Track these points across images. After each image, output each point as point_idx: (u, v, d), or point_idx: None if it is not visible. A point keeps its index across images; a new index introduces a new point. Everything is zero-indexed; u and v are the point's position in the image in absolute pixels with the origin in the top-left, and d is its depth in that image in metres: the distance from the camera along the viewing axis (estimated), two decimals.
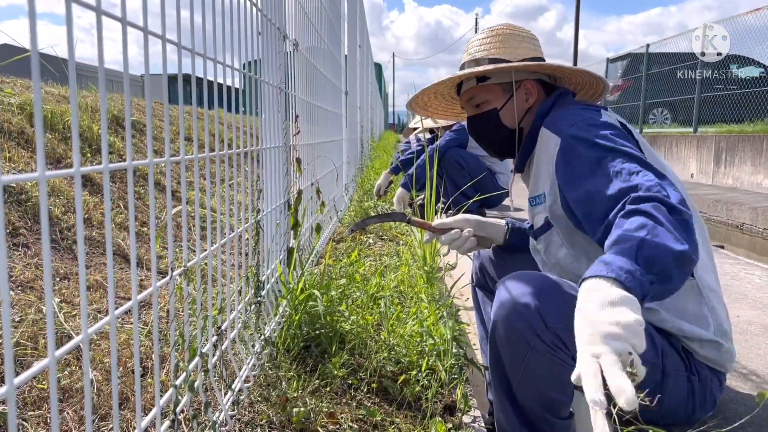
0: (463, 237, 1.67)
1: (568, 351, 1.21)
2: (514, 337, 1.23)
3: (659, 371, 1.30)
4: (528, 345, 1.21)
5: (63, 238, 2.53)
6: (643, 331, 0.86)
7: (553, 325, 1.19)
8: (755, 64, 11.09)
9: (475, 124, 1.61)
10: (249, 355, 1.62)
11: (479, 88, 1.57)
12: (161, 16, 0.91)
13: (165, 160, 0.94)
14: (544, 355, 1.21)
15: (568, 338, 1.18)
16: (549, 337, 1.19)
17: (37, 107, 0.56)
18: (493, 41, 1.57)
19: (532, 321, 1.19)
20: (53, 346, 0.63)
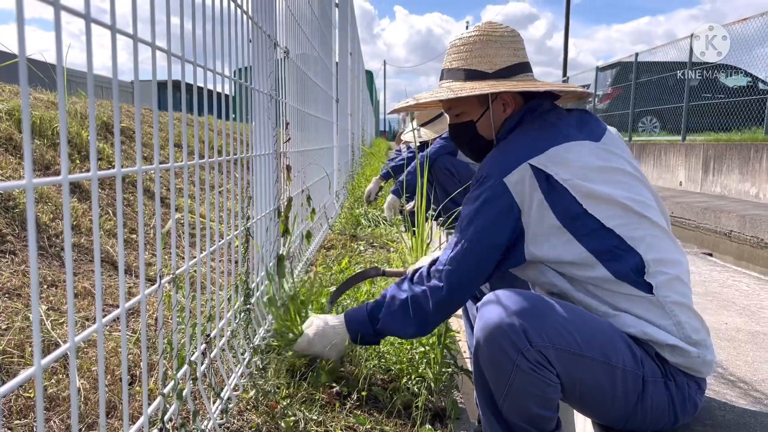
0: None
1: (552, 369, 1.24)
2: (499, 357, 1.24)
3: (641, 380, 1.31)
4: (513, 364, 1.23)
5: (51, 245, 2.51)
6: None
7: (538, 344, 1.22)
8: (743, 73, 11.21)
9: (455, 132, 1.65)
10: (238, 364, 1.61)
11: (456, 100, 1.57)
12: (151, 23, 0.91)
13: (154, 167, 0.94)
14: (529, 374, 1.22)
15: (553, 356, 1.23)
16: (533, 355, 1.21)
17: (24, 114, 0.56)
18: (471, 49, 1.55)
19: (517, 340, 1.22)
20: (39, 354, 0.63)
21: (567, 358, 1.24)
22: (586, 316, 1.32)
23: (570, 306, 1.33)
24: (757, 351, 2.26)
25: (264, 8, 1.96)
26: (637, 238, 1.37)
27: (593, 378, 1.28)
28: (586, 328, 1.29)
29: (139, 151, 0.88)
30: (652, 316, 1.35)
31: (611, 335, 1.31)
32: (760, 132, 8.98)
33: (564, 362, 1.24)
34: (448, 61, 1.60)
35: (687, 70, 11.04)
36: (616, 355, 1.29)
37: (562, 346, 1.24)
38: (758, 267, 5.95)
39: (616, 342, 1.31)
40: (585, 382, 1.27)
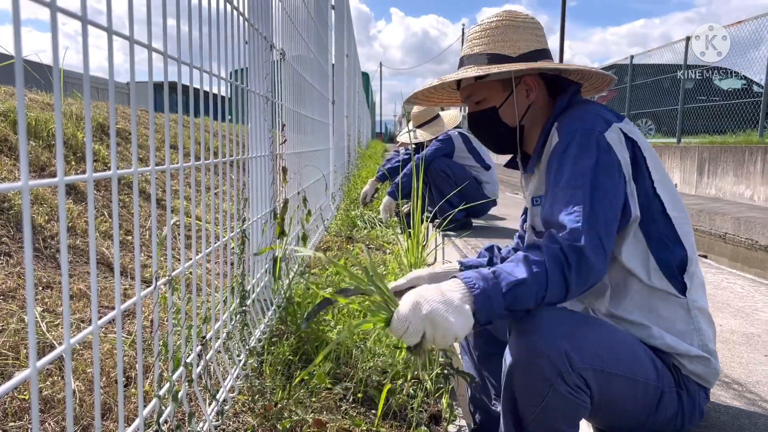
0: None
1: (588, 391, 1.22)
2: (537, 378, 1.20)
3: (659, 391, 1.32)
4: (550, 386, 1.19)
5: (46, 246, 2.50)
6: (447, 345, 1.10)
7: (578, 367, 1.18)
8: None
9: (475, 120, 1.56)
10: (234, 365, 1.61)
11: (477, 85, 1.52)
12: (147, 25, 0.91)
13: (150, 169, 0.94)
14: (565, 396, 1.20)
15: (591, 377, 1.20)
16: (573, 379, 1.19)
17: (20, 115, 0.56)
18: (493, 34, 1.50)
19: (559, 364, 1.17)
20: (35, 356, 0.63)
21: (602, 378, 1.23)
22: (614, 331, 1.32)
23: (601, 321, 1.33)
24: (752, 353, 2.26)
25: (260, 10, 1.97)
26: (684, 234, 1.37)
27: (619, 393, 1.27)
28: (616, 344, 1.28)
29: (134, 152, 0.88)
30: (676, 321, 1.36)
31: (637, 349, 1.31)
32: (755, 135, 9.02)
33: (599, 382, 1.23)
34: (468, 47, 1.54)
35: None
36: (642, 369, 1.30)
37: (599, 367, 1.21)
38: (753, 269, 5.97)
39: (640, 355, 1.31)
40: (611, 398, 1.27)
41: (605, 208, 1.24)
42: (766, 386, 1.94)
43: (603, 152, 1.29)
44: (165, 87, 1.20)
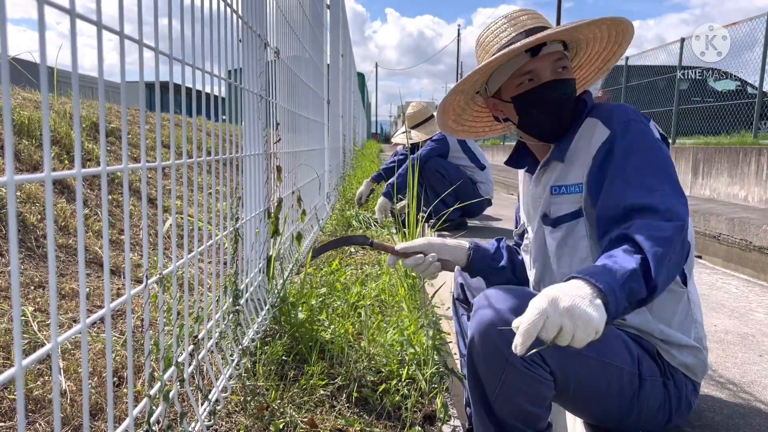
0: (427, 261, 1.63)
1: (546, 367, 1.23)
2: (492, 353, 1.23)
3: (637, 378, 1.32)
4: (506, 361, 1.22)
5: (38, 245, 2.49)
6: (587, 340, 1.03)
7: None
8: (731, 78, 11.31)
9: (563, 88, 1.46)
10: (227, 365, 1.60)
11: (563, 53, 1.47)
12: (138, 20, 0.90)
13: (140, 166, 0.92)
14: (522, 371, 1.22)
15: (548, 357, 1.22)
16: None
17: (6, 106, 0.55)
18: (540, 17, 1.50)
19: (510, 337, 1.16)
20: (20, 354, 0.61)
21: (561, 355, 1.23)
22: None
23: None
24: (746, 353, 2.26)
25: (254, 8, 1.96)
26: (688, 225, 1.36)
27: (587, 375, 1.28)
28: None
29: (125, 150, 0.87)
30: (676, 313, 1.37)
31: (606, 333, 1.32)
32: (749, 136, 9.05)
33: (557, 359, 1.24)
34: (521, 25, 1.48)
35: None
36: (611, 352, 1.30)
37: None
38: (747, 269, 5.98)
39: (611, 340, 1.32)
40: (579, 379, 1.28)
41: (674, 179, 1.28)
42: (760, 386, 1.94)
43: (656, 140, 1.33)
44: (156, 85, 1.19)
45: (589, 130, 1.40)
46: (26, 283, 2.18)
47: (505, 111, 1.56)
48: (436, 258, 1.64)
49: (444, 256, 1.69)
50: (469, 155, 4.68)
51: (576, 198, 1.42)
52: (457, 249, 1.74)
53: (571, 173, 1.43)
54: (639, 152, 1.30)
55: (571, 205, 1.43)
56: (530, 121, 1.51)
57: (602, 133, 1.36)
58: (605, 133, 1.35)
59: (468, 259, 1.74)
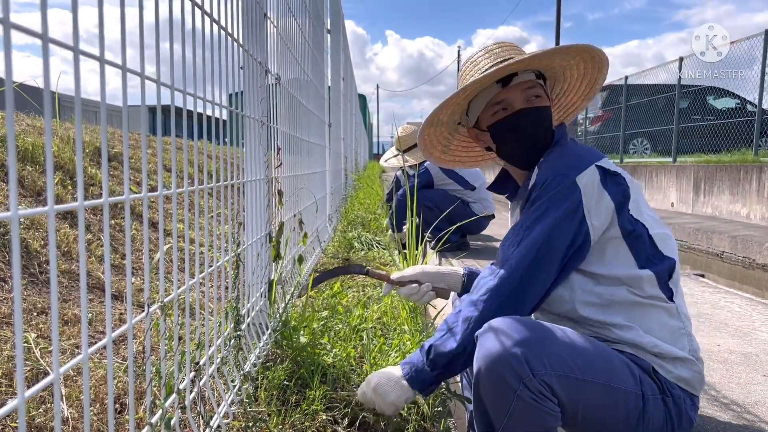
0: (422, 290, 1.66)
1: (554, 399, 1.23)
2: (500, 386, 1.23)
3: (641, 399, 1.33)
4: (514, 393, 1.21)
5: (42, 271, 2.50)
6: (388, 410, 1.43)
7: (540, 372, 1.21)
8: (731, 96, 11.37)
9: (532, 115, 1.50)
10: (228, 391, 1.60)
11: (537, 81, 1.52)
12: (140, 54, 0.92)
13: (142, 195, 0.94)
14: (530, 404, 1.21)
15: (556, 383, 1.22)
16: (535, 385, 1.20)
17: (10, 144, 0.56)
18: (517, 48, 1.57)
19: (519, 369, 1.20)
20: (23, 385, 0.62)
21: (570, 384, 1.24)
22: (584, 340, 1.33)
23: (568, 330, 1.35)
24: (750, 372, 2.25)
25: (255, 36, 1.99)
26: (668, 247, 1.44)
27: (595, 401, 1.28)
28: (586, 351, 1.30)
29: (126, 179, 0.89)
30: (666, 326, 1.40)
31: (610, 357, 1.33)
32: (750, 153, 9.07)
33: (567, 388, 1.24)
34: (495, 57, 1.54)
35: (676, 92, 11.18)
36: (617, 376, 1.31)
37: (565, 372, 1.23)
38: (750, 287, 5.96)
39: (615, 363, 1.33)
40: (588, 407, 1.28)
41: (546, 264, 1.37)
42: (764, 407, 1.93)
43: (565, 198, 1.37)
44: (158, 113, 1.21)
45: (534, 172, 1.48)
46: (29, 310, 2.19)
47: (485, 140, 1.61)
48: (430, 287, 1.66)
49: (438, 284, 1.70)
50: (454, 178, 4.72)
51: None
52: (452, 276, 1.75)
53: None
54: (533, 212, 1.40)
55: None
56: (506, 150, 1.57)
57: (533, 179, 1.46)
58: (534, 179, 1.45)
59: (462, 285, 1.76)
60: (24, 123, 4.37)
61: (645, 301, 1.40)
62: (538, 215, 1.38)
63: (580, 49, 1.49)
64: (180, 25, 1.17)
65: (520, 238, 1.39)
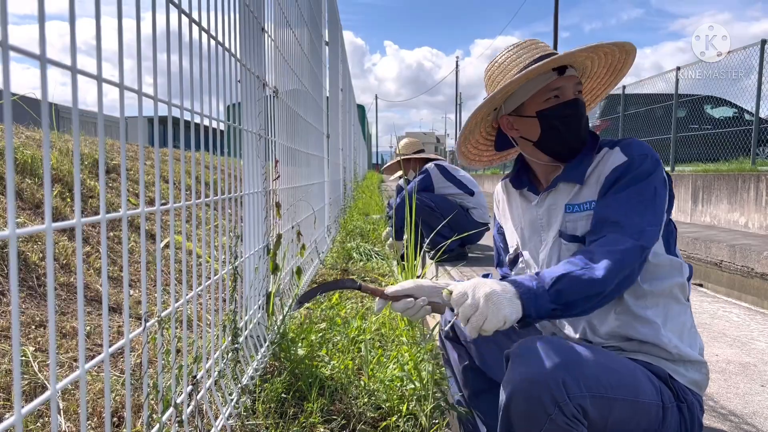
0: (417, 305, 1.61)
1: (584, 422, 1.22)
2: (535, 410, 1.21)
3: (661, 410, 1.35)
4: (547, 417, 1.20)
5: (40, 284, 2.50)
6: (501, 320, 1.21)
7: (576, 395, 1.20)
8: (728, 105, 11.41)
9: (581, 106, 1.57)
10: (225, 404, 1.60)
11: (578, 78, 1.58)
12: (137, 72, 0.93)
13: (140, 211, 0.95)
14: (562, 427, 1.20)
15: (589, 405, 1.21)
16: (571, 409, 1.19)
17: (9, 167, 0.57)
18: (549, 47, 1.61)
19: (557, 393, 1.19)
20: (20, 402, 0.63)
21: (601, 404, 1.23)
22: (610, 358, 1.34)
23: (594, 348, 1.35)
24: (748, 383, 2.26)
25: (253, 50, 2.00)
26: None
27: (622, 416, 1.28)
28: (615, 369, 1.30)
29: (124, 196, 0.89)
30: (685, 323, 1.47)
31: (633, 371, 1.35)
32: (747, 162, 9.09)
33: (598, 408, 1.23)
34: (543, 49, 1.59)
35: (674, 101, 11.22)
36: (642, 390, 1.33)
37: (598, 393, 1.23)
38: (749, 296, 5.96)
39: (639, 376, 1.35)
40: (614, 422, 1.28)
41: (656, 216, 1.39)
42: (762, 417, 1.93)
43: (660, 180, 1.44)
44: (155, 126, 1.22)
45: (607, 155, 1.51)
46: (27, 323, 2.19)
47: (522, 128, 1.61)
48: (426, 301, 1.62)
49: (434, 299, 1.67)
50: (454, 183, 4.74)
51: (588, 214, 1.49)
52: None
53: (584, 193, 1.52)
54: (640, 183, 1.42)
55: (587, 221, 1.49)
56: (553, 136, 1.57)
57: (618, 158, 1.47)
58: (622, 159, 1.46)
59: None
60: (23, 135, 4.39)
61: (674, 295, 1.47)
62: (651, 188, 1.42)
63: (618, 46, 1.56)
64: (177, 38, 1.18)
65: (642, 207, 1.40)
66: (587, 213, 1.49)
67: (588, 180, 1.52)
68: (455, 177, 4.75)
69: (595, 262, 1.29)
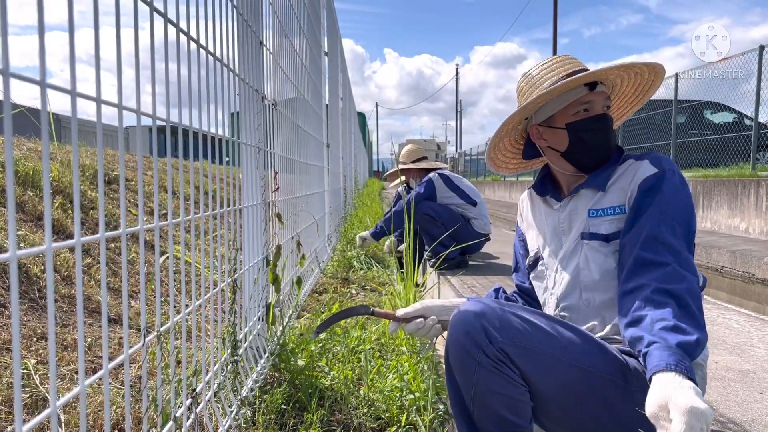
0: (428, 325, 1.68)
1: (513, 367, 1.31)
2: (464, 356, 1.34)
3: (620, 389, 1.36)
4: (475, 361, 1.32)
5: (41, 296, 2.51)
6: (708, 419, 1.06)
7: (498, 340, 1.30)
8: (728, 110, 11.43)
9: (609, 122, 1.64)
10: (225, 416, 1.61)
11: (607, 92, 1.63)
12: (136, 93, 0.95)
13: (139, 228, 0.96)
14: (491, 371, 1.30)
15: (513, 353, 1.30)
16: (493, 351, 1.30)
17: (9, 190, 0.59)
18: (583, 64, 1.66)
19: (478, 339, 1.31)
20: (20, 419, 0.64)
21: (528, 356, 1.31)
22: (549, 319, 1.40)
23: (538, 311, 1.43)
24: (747, 390, 2.26)
25: (251, 64, 2.02)
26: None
27: (561, 379, 1.32)
28: (550, 333, 1.36)
29: (123, 214, 0.91)
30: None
31: (591, 343, 1.38)
32: (747, 168, 9.10)
33: (527, 360, 1.30)
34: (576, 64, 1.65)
35: (673, 107, 11.24)
36: (594, 360, 1.35)
37: (521, 344, 1.31)
38: (751, 302, 5.96)
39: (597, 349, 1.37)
40: (553, 384, 1.32)
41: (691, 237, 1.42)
42: (761, 425, 1.93)
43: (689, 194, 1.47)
44: (154, 143, 1.24)
45: (633, 167, 1.54)
46: (29, 335, 2.20)
47: (550, 138, 1.67)
48: (436, 320, 1.68)
49: (444, 317, 1.71)
50: (457, 193, 4.75)
51: (618, 218, 1.53)
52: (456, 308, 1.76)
53: (607, 199, 1.56)
54: (679, 197, 1.45)
55: (611, 224, 1.54)
56: (581, 148, 1.63)
57: (649, 169, 1.51)
58: (652, 170, 1.50)
59: None
60: (24, 147, 4.42)
61: None
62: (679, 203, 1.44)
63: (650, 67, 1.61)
64: (176, 53, 1.20)
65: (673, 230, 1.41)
66: (611, 217, 1.54)
67: (611, 187, 1.57)
68: (458, 187, 4.76)
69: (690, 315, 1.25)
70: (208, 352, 1.55)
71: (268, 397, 1.85)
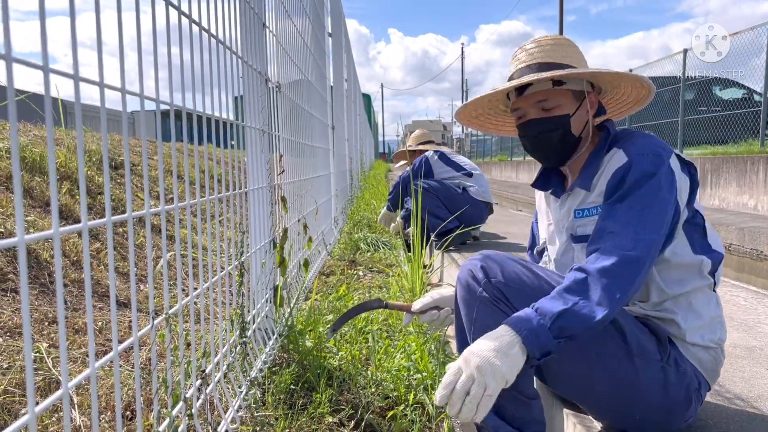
0: (442, 316, 1.70)
1: (509, 304, 1.39)
2: (467, 293, 1.46)
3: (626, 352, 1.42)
4: (476, 296, 1.42)
5: (52, 281, 2.54)
6: (502, 381, 1.19)
7: (494, 279, 1.40)
8: (737, 86, 11.31)
9: (540, 127, 1.55)
10: (235, 397, 1.63)
11: (554, 91, 1.52)
12: (139, 77, 0.95)
13: (144, 212, 0.97)
14: (488, 306, 1.40)
15: (510, 293, 1.40)
16: (491, 289, 1.40)
17: (15, 178, 0.59)
18: (554, 49, 1.55)
19: (478, 276, 1.44)
20: (33, 402, 0.65)
21: (524, 297, 1.36)
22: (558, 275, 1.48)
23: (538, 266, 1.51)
24: (754, 366, 2.26)
25: (254, 46, 2.02)
26: (716, 241, 1.56)
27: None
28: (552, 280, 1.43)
29: (129, 198, 0.92)
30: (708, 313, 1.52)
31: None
32: (756, 144, 9.03)
33: (522, 301, 1.35)
34: (526, 58, 1.56)
35: (681, 84, 11.14)
36: None
37: (516, 286, 1.40)
38: (760, 279, 5.95)
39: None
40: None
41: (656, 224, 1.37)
42: (767, 401, 1.94)
43: (665, 175, 1.40)
44: (158, 129, 1.24)
45: (614, 158, 1.49)
46: (40, 320, 2.23)
47: None
48: (449, 311, 1.68)
49: None
50: (452, 166, 4.79)
51: (594, 219, 1.51)
52: None
53: (591, 198, 1.54)
54: (639, 189, 1.39)
55: (593, 226, 1.50)
56: (530, 151, 1.64)
57: (620, 159, 1.46)
58: (623, 160, 1.45)
59: None
60: (31, 133, 4.43)
61: (697, 291, 1.50)
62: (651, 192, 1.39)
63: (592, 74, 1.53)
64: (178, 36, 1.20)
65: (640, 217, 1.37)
66: (594, 217, 1.50)
67: (596, 185, 1.53)
68: (453, 161, 4.80)
69: (593, 290, 1.27)
70: (217, 334, 1.57)
71: (277, 377, 1.87)
